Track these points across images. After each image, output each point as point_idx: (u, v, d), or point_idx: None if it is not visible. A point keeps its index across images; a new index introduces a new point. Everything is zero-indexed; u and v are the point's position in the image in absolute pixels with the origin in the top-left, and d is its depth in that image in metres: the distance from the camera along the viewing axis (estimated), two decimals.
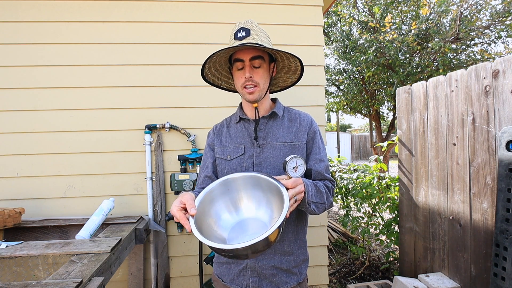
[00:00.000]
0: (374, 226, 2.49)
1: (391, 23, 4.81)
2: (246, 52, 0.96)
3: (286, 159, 0.80)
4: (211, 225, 0.84)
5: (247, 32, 0.94)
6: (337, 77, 6.75)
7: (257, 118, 1.03)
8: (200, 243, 1.79)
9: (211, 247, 0.69)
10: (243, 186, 0.88)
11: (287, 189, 0.78)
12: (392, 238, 2.31)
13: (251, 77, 0.96)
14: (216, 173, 1.09)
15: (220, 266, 1.05)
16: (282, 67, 1.11)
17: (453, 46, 4.75)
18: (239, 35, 0.94)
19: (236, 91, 1.20)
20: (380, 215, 2.50)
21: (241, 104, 1.12)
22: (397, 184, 2.33)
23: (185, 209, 0.78)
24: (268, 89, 1.04)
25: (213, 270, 1.12)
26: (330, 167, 1.27)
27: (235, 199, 0.89)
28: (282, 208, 0.73)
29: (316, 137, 1.04)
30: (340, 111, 7.89)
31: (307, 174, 1.04)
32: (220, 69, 1.10)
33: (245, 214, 0.88)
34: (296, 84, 1.17)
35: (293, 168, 0.80)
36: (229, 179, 0.88)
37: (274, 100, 1.12)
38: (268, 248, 0.74)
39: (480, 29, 4.83)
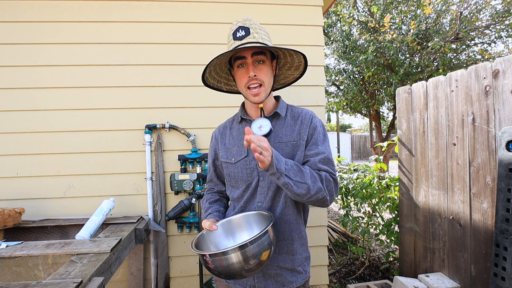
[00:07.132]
0: (374, 226, 2.49)
1: (390, 23, 4.80)
2: (248, 49, 0.92)
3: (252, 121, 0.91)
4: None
5: (247, 31, 0.91)
6: (337, 77, 6.74)
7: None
8: None
9: (202, 256, 0.80)
10: (242, 222, 1.03)
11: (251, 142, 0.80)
12: (392, 238, 2.31)
13: (255, 75, 0.92)
14: (222, 177, 1.14)
15: None
16: (284, 64, 1.09)
17: (453, 46, 4.75)
18: (238, 34, 0.92)
19: (236, 92, 1.18)
20: (380, 215, 2.49)
21: (243, 104, 1.09)
22: (397, 184, 2.33)
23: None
24: (272, 88, 1.02)
25: None
26: None
27: (234, 231, 1.04)
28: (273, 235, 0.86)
29: (316, 132, 1.00)
30: (340, 111, 7.88)
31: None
32: (220, 71, 1.07)
33: (238, 240, 1.01)
34: (296, 84, 1.16)
35: (258, 127, 0.92)
36: (231, 219, 1.03)
37: (277, 98, 1.10)
38: (261, 266, 0.80)
39: (480, 29, 4.82)
